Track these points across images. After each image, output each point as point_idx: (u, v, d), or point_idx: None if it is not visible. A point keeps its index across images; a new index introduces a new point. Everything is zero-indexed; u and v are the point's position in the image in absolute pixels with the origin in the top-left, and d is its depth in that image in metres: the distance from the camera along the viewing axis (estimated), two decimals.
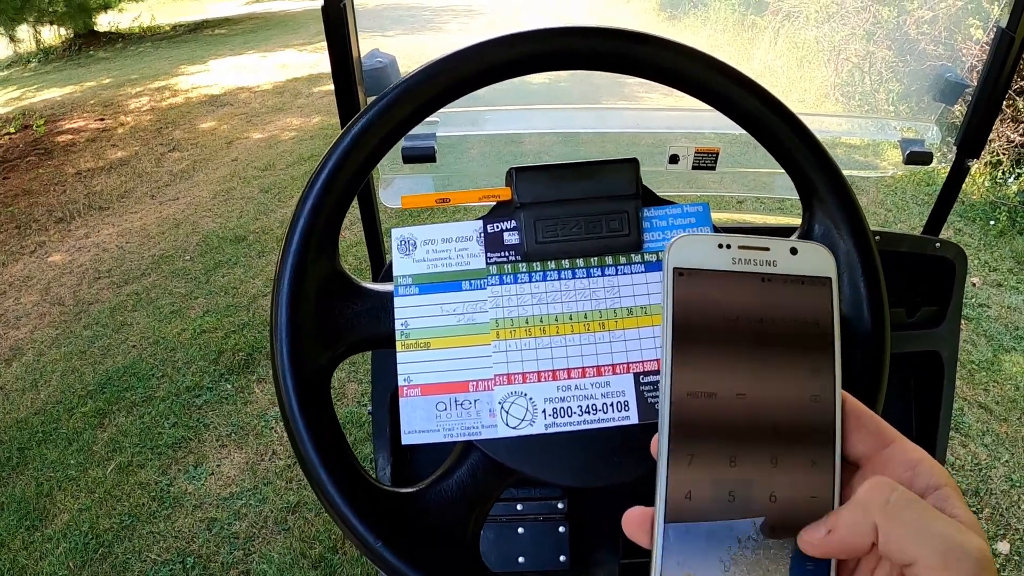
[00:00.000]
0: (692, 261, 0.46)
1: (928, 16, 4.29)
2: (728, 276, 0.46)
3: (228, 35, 11.49)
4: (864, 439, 0.45)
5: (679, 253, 0.46)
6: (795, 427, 0.44)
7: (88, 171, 5.90)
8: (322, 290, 0.62)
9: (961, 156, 1.39)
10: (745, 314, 0.45)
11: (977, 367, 3.12)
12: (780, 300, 0.46)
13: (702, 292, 0.46)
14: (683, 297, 0.45)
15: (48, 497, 2.72)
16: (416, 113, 0.63)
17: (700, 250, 0.46)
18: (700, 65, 0.64)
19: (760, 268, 0.46)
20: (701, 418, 0.44)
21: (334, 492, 0.58)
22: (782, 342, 0.45)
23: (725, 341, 0.45)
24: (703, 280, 0.46)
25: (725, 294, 0.46)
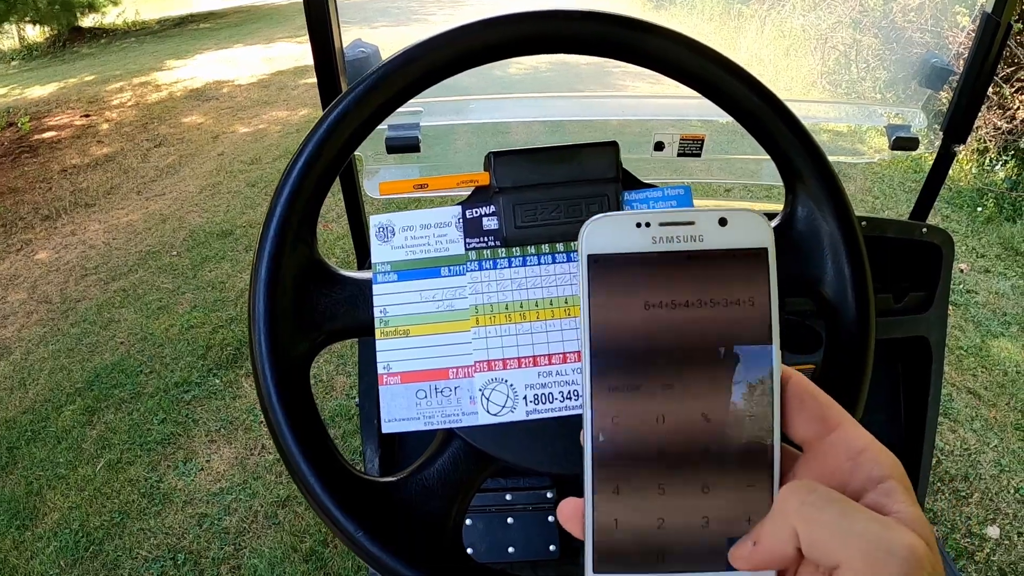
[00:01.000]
0: (608, 246, 0.42)
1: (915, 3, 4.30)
2: (649, 258, 0.42)
3: (213, 29, 11.44)
4: (806, 424, 0.42)
5: (594, 238, 0.42)
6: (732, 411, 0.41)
7: (74, 168, 5.87)
8: (300, 279, 0.62)
9: (947, 142, 1.39)
10: (670, 300, 0.41)
11: (965, 352, 3.13)
12: (709, 280, 0.41)
13: (621, 280, 0.42)
14: (601, 288, 0.42)
15: (38, 496, 2.70)
16: (393, 100, 0.63)
17: (616, 232, 0.42)
18: (683, 48, 0.63)
19: (685, 245, 0.42)
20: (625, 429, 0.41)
21: (314, 482, 0.57)
22: (714, 329, 0.41)
23: (650, 335, 0.41)
24: (621, 266, 0.42)
25: (646, 279, 0.42)
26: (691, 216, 0.42)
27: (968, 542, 2.30)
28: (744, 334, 0.41)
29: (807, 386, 0.43)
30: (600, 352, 0.42)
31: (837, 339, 0.63)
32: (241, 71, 8.30)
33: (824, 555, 0.36)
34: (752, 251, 0.42)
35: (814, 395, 0.42)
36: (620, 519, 0.41)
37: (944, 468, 2.58)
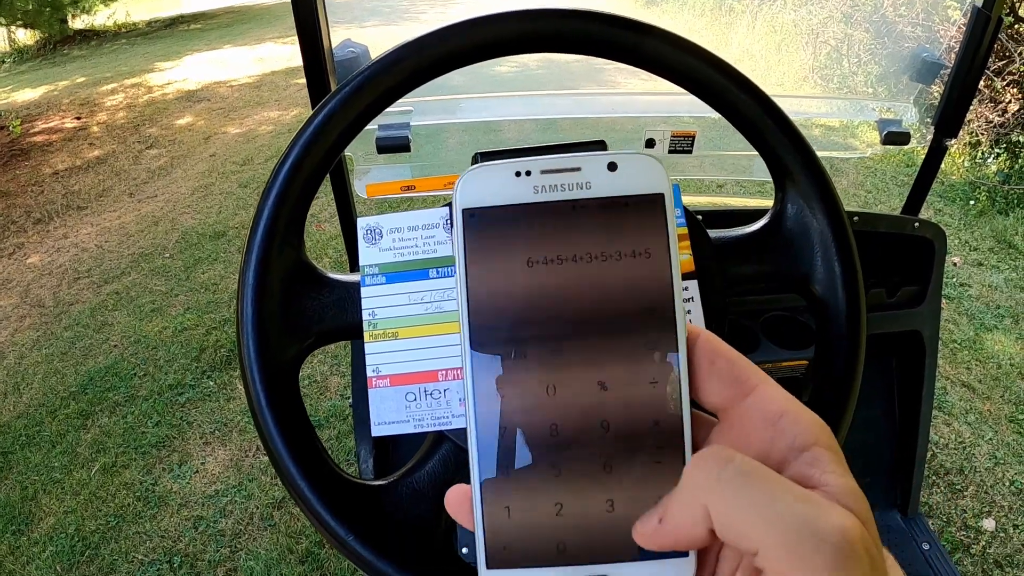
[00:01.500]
0: (485, 197, 0.38)
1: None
2: (530, 210, 0.38)
3: (204, 30, 11.41)
4: (719, 387, 0.37)
5: (469, 190, 0.39)
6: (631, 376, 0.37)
7: (66, 171, 5.85)
8: (288, 282, 0.61)
9: (939, 136, 1.40)
10: (556, 255, 0.38)
11: (959, 346, 3.13)
12: (598, 231, 0.38)
13: (500, 235, 0.38)
14: (478, 245, 0.38)
15: (33, 501, 2.69)
16: (381, 100, 0.62)
17: (494, 183, 0.39)
18: (669, 45, 0.63)
19: (570, 193, 0.38)
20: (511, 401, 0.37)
21: (304, 487, 0.57)
22: (606, 286, 0.37)
23: (534, 295, 0.37)
24: (500, 220, 0.38)
25: (528, 234, 0.38)
26: (576, 162, 0.39)
27: (964, 535, 2.30)
28: (641, 291, 0.37)
29: (717, 345, 0.38)
30: (480, 317, 0.38)
31: (828, 335, 0.63)
32: (232, 72, 8.28)
33: (740, 538, 0.31)
34: (646, 198, 0.38)
35: (726, 355, 0.38)
36: (512, 506, 0.37)
37: (939, 461, 2.58)
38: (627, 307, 0.37)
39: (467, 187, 0.39)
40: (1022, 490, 2.45)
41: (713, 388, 0.37)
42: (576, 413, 0.37)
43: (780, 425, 0.35)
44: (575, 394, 0.37)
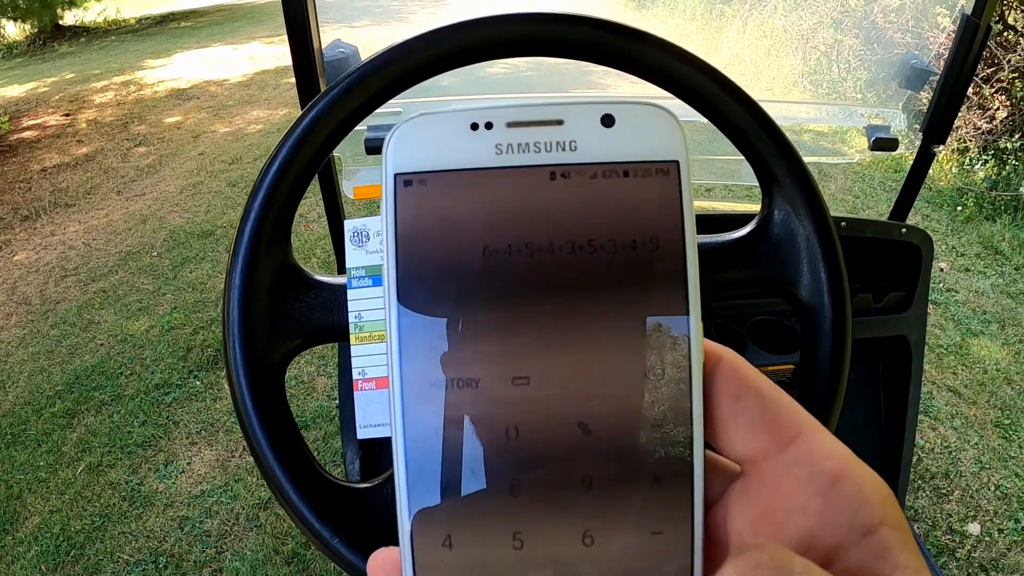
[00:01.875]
0: (427, 158, 0.29)
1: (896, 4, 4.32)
2: (491, 178, 0.28)
3: (194, 28, 11.38)
4: (747, 433, 0.28)
5: (404, 147, 0.29)
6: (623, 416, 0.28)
7: (54, 168, 5.82)
8: (275, 283, 0.61)
9: (927, 142, 1.40)
10: (524, 244, 0.28)
11: (945, 351, 3.15)
12: (587, 211, 0.28)
13: (446, 213, 0.28)
14: (414, 225, 0.28)
15: (18, 500, 2.68)
16: (370, 102, 0.62)
17: (440, 138, 0.29)
18: (655, 49, 0.63)
19: (548, 156, 0.28)
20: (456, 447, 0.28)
21: (289, 489, 0.57)
22: (595, 288, 0.28)
23: (492, 299, 0.28)
24: (447, 190, 0.28)
25: (486, 212, 0.28)
26: (558, 112, 0.29)
27: (949, 539, 2.31)
28: (644, 295, 0.28)
29: (746, 374, 0.29)
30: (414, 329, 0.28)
31: (814, 342, 0.63)
32: (222, 70, 8.26)
33: None
34: (655, 166, 0.29)
35: (757, 388, 0.28)
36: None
37: (925, 466, 2.59)
38: (622, 320, 0.28)
39: (402, 143, 0.29)
40: (1007, 494, 2.47)
41: (739, 433, 0.28)
42: (547, 463, 0.27)
43: (836, 493, 0.26)
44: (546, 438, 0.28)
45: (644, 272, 0.28)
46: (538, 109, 0.29)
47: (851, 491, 0.26)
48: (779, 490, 0.27)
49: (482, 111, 0.29)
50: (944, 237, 3.99)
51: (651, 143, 0.29)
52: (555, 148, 0.28)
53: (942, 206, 4.33)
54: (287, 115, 6.45)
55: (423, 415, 0.28)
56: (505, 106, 0.29)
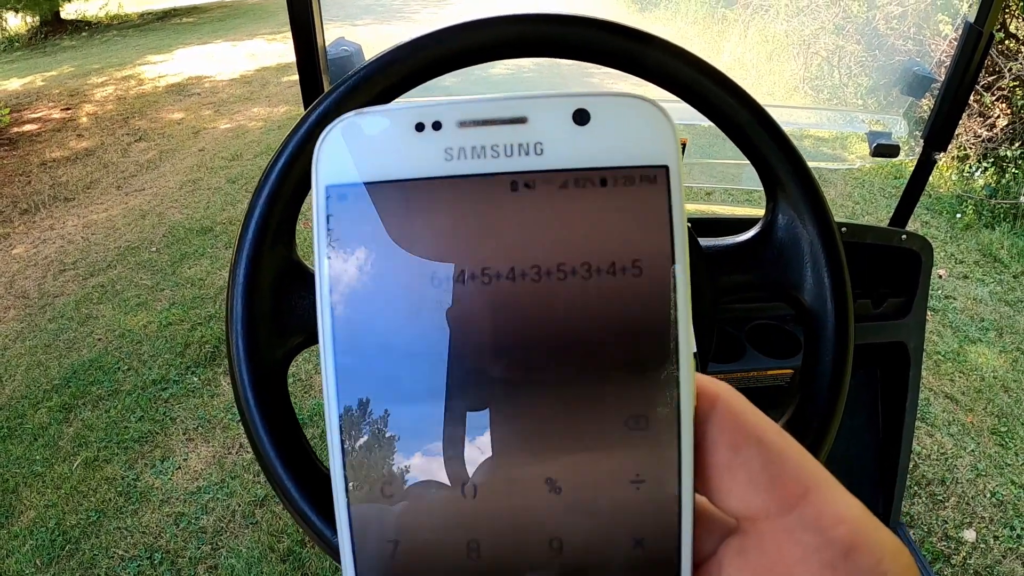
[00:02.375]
0: (365, 168, 0.25)
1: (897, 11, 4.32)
2: (440, 189, 0.24)
3: (196, 23, 11.37)
4: (746, 488, 0.24)
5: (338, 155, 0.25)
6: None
7: (53, 161, 5.81)
8: (278, 280, 0.61)
9: (928, 149, 1.40)
10: (480, 269, 0.24)
11: (943, 358, 3.15)
12: (555, 226, 0.24)
13: (388, 229, 0.24)
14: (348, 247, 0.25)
15: (14, 494, 2.68)
16: (375, 101, 0.62)
17: (379, 142, 0.25)
18: (660, 52, 0.63)
19: (508, 163, 0.24)
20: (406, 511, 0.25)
21: (290, 486, 0.57)
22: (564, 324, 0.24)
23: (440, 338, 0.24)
24: (389, 203, 0.24)
25: (434, 229, 0.24)
26: (520, 108, 0.25)
27: (944, 545, 2.31)
28: (624, 329, 0.24)
29: (746, 418, 0.25)
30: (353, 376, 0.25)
31: (816, 346, 0.63)
32: (223, 67, 8.25)
33: None
34: (640, 172, 0.24)
35: (760, 435, 0.25)
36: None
37: (921, 472, 2.59)
38: (598, 359, 0.24)
39: (335, 149, 0.25)
40: (1003, 502, 2.47)
41: (736, 488, 0.25)
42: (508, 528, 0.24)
43: (850, 566, 0.22)
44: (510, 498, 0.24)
45: (625, 302, 0.24)
46: (496, 104, 0.25)
47: (867, 564, 0.22)
48: (782, 557, 0.23)
49: (428, 108, 0.25)
50: (943, 244, 4.00)
51: (634, 144, 0.24)
52: (517, 152, 0.24)
53: (941, 213, 4.33)
54: (288, 112, 6.44)
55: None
56: (456, 102, 0.24)
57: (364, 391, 0.24)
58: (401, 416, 0.24)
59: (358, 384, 0.25)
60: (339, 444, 0.24)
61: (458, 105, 0.24)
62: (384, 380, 0.24)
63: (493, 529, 0.24)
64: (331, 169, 0.25)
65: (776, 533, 0.24)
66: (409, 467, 0.24)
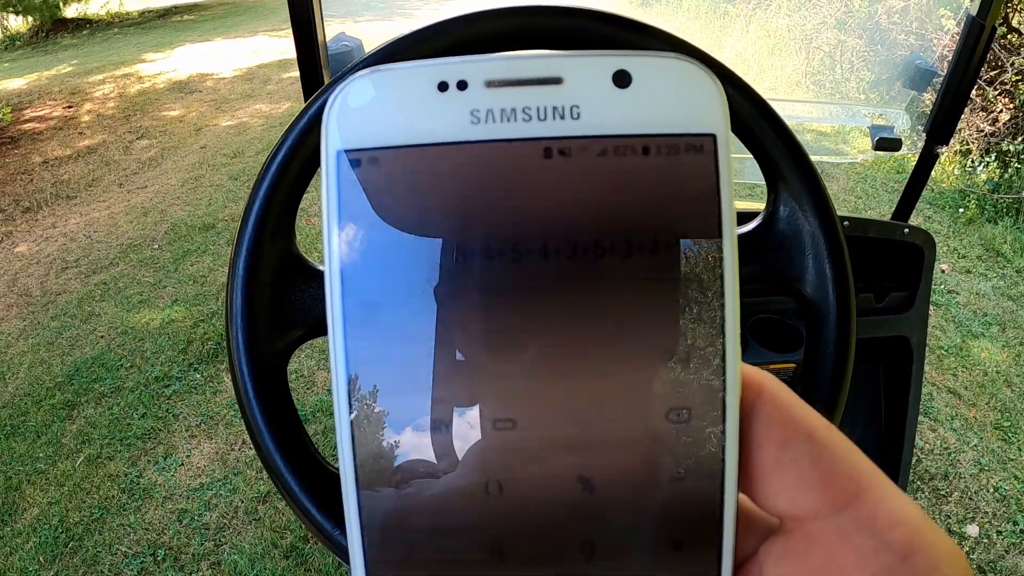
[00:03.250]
0: (382, 131, 0.22)
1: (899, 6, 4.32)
2: (467, 154, 0.22)
3: (197, 21, 11.38)
4: (794, 486, 0.23)
5: (352, 116, 0.23)
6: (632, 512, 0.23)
7: (55, 159, 5.82)
8: (279, 273, 0.61)
9: (930, 143, 1.40)
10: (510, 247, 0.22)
11: (946, 352, 3.14)
12: (593, 198, 0.22)
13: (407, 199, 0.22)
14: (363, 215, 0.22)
15: (17, 491, 2.68)
16: None
17: (398, 102, 0.22)
18: (660, 43, 0.63)
19: (542, 127, 0.22)
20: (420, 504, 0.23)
21: (291, 480, 0.56)
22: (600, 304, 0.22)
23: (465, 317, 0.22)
24: (409, 170, 0.22)
25: (459, 203, 0.22)
26: (555, 67, 0.22)
27: None
28: (666, 311, 0.22)
29: (796, 411, 0.24)
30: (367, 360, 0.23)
31: (818, 339, 0.63)
32: (224, 64, 8.25)
33: None
34: (685, 140, 0.22)
35: (810, 430, 0.23)
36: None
37: (924, 467, 2.59)
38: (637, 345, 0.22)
39: (349, 109, 0.23)
40: (1006, 496, 2.47)
41: (784, 487, 0.23)
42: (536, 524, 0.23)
43: (907, 570, 0.21)
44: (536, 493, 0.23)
45: (668, 282, 0.22)
46: (528, 63, 0.22)
47: (925, 569, 0.21)
48: (833, 561, 0.22)
49: (452, 66, 0.22)
50: (946, 239, 3.99)
51: (680, 110, 0.22)
52: (552, 115, 0.22)
53: (944, 207, 4.33)
54: (289, 109, 6.44)
55: (379, 462, 0.23)
56: (483, 59, 0.22)
57: (377, 378, 0.23)
58: (416, 405, 0.22)
59: (371, 370, 0.23)
60: (349, 434, 0.23)
61: (486, 63, 0.22)
62: (400, 366, 0.22)
63: (518, 530, 0.22)
64: (343, 133, 0.23)
65: (827, 534, 0.22)
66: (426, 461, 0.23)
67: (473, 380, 0.22)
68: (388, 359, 0.22)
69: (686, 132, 0.22)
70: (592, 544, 0.22)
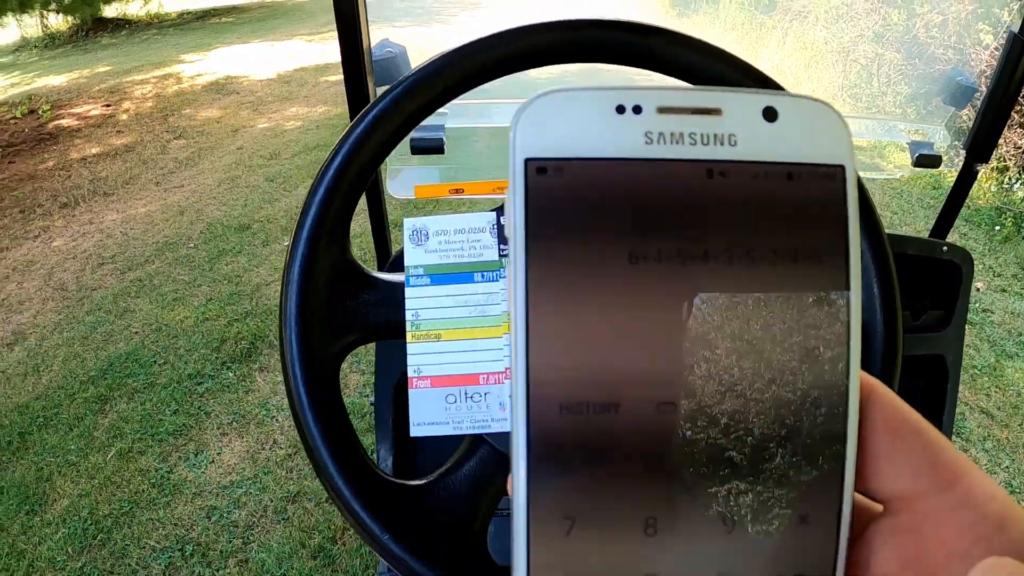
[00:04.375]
0: (564, 144, 0.25)
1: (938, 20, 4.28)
2: (641, 170, 0.25)
3: (235, 23, 11.48)
4: (904, 472, 0.26)
5: (537, 128, 0.25)
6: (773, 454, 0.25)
7: (93, 157, 5.89)
8: (333, 279, 0.62)
9: (970, 160, 1.39)
10: (676, 249, 0.25)
11: (979, 372, 3.11)
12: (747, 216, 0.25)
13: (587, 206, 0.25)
14: (547, 222, 0.25)
15: (48, 482, 2.72)
16: (432, 102, 0.63)
17: (580, 119, 0.25)
18: (715, 60, 0.64)
19: (705, 150, 0.25)
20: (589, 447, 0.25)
21: (341, 484, 0.57)
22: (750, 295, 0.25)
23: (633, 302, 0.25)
24: (590, 180, 0.25)
25: (634, 210, 0.25)
26: (716, 100, 0.26)
27: None
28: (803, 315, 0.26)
29: (903, 411, 0.27)
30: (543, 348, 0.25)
31: (864, 358, 0.63)
32: (262, 66, 8.32)
33: None
34: (821, 169, 0.26)
35: (916, 426, 0.27)
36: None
37: None
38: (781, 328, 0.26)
39: (535, 122, 0.25)
40: None
41: (895, 471, 0.27)
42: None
43: (1002, 539, 0.24)
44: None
45: (804, 289, 0.25)
46: (694, 94, 0.26)
47: (1018, 536, 0.24)
48: (938, 533, 0.25)
49: (630, 92, 0.26)
50: (981, 257, 3.95)
51: (816, 143, 0.26)
52: (713, 141, 0.25)
53: (980, 225, 4.28)
54: (326, 112, 6.49)
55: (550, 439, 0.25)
56: (656, 88, 0.26)
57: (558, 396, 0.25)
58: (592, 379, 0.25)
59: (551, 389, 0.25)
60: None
61: (659, 91, 0.26)
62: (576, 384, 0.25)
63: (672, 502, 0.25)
64: (530, 142, 0.25)
65: (933, 511, 0.26)
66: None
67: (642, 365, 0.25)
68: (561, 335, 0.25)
69: (822, 163, 0.26)
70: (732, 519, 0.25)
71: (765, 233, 0.25)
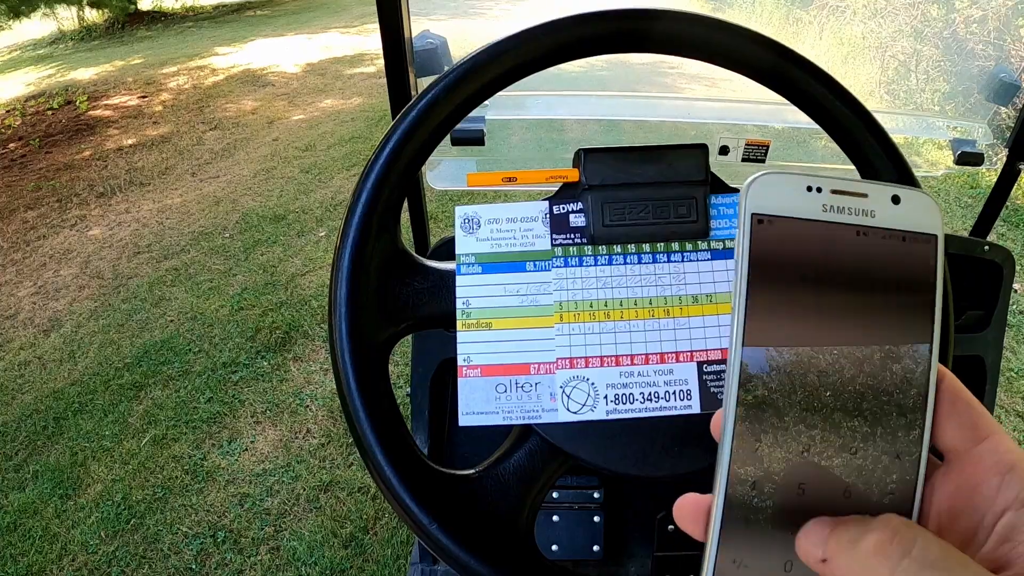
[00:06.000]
0: (775, 206, 0.38)
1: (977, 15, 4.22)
2: (817, 227, 0.38)
3: (270, 16, 11.53)
4: (956, 430, 0.38)
5: (759, 195, 0.38)
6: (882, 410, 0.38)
7: (129, 147, 5.96)
8: (383, 267, 0.62)
9: (1012, 159, 1.37)
10: (834, 274, 0.38)
11: (1016, 375, 3.07)
12: (877, 259, 0.38)
13: (785, 245, 0.38)
14: (762, 249, 0.38)
15: (82, 467, 2.75)
16: (482, 91, 0.63)
17: (785, 193, 0.39)
18: (767, 51, 0.63)
19: (856, 219, 0.39)
20: (774, 395, 0.38)
21: (389, 471, 0.57)
22: (874, 309, 0.38)
23: (808, 305, 0.38)
24: (787, 230, 0.38)
25: (812, 248, 0.38)
26: (864, 188, 0.39)
27: None
28: (903, 326, 0.39)
29: (959, 387, 0.39)
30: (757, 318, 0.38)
31: None
32: (297, 58, 8.35)
33: None
34: (923, 236, 0.39)
35: (966, 398, 0.39)
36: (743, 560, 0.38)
37: None
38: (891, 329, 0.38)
39: (757, 192, 0.39)
40: None
41: (950, 429, 0.38)
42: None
43: (1012, 476, 0.36)
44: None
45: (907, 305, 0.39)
46: (854, 184, 0.39)
47: (1018, 478, 0.35)
48: (972, 473, 0.37)
49: (817, 178, 0.39)
50: (1020, 257, 3.89)
51: (921, 219, 0.39)
52: (860, 213, 0.39)
53: (1019, 225, 4.22)
54: (361, 104, 6.50)
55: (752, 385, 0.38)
56: (832, 177, 0.39)
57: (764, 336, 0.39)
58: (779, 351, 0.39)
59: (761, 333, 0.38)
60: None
61: (833, 179, 0.39)
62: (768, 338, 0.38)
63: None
64: (755, 202, 0.38)
65: (970, 457, 0.37)
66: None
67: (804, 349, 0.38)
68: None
69: (923, 232, 0.39)
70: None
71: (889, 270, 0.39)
